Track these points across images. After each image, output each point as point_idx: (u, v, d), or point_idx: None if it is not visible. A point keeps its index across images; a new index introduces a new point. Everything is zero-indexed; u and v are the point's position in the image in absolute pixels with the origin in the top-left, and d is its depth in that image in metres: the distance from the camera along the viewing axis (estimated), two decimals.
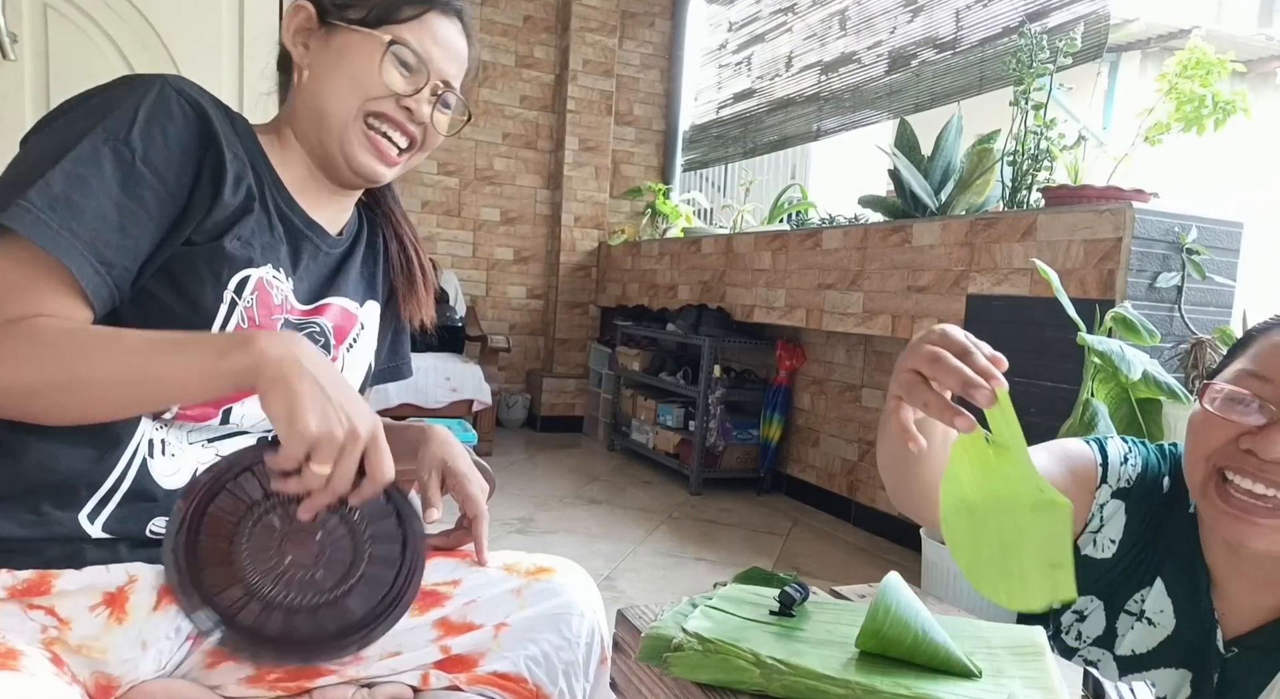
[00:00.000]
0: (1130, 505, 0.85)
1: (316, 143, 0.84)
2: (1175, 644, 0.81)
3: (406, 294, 0.98)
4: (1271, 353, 0.73)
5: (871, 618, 0.63)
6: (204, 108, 0.75)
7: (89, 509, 0.69)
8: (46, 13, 2.03)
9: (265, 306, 0.77)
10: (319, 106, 0.83)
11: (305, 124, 0.85)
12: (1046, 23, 2.69)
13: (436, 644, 0.82)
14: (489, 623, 0.83)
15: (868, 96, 3.58)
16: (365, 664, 0.80)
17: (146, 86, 0.72)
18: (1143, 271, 1.98)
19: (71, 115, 0.71)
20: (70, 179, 0.66)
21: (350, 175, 0.85)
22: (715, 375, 3.69)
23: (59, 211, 0.65)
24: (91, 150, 0.68)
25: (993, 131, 2.72)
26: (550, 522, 3.13)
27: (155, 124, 0.71)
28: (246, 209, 0.77)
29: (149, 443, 0.73)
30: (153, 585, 0.72)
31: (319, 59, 0.83)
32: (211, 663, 0.77)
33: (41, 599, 0.67)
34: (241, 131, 0.80)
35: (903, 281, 2.72)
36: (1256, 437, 0.70)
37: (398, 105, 0.84)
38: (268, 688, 0.78)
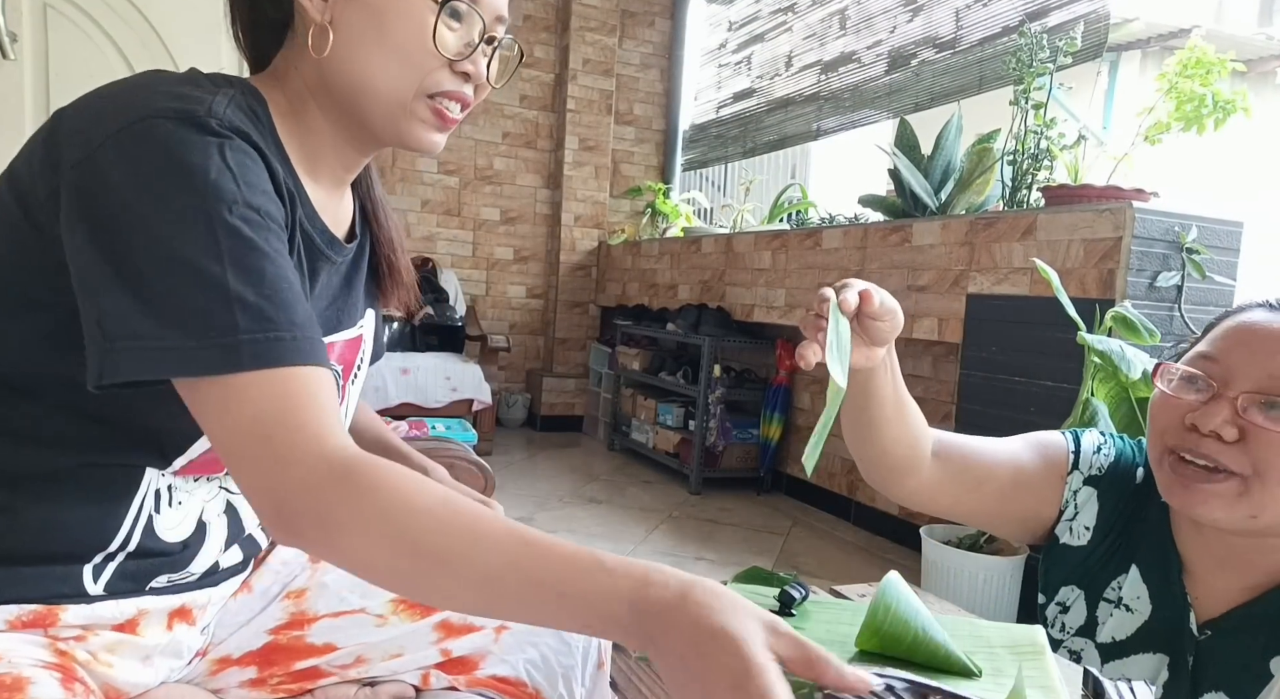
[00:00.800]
0: (1102, 493, 0.88)
1: (354, 120, 0.71)
2: (1152, 630, 0.83)
3: (389, 288, 0.86)
4: (1222, 335, 0.78)
5: (871, 617, 0.63)
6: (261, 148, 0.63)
7: (92, 567, 0.65)
8: (46, 12, 2.03)
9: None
10: (360, 84, 0.68)
11: (336, 99, 0.70)
12: (1046, 22, 2.69)
13: (437, 646, 0.82)
14: (489, 625, 0.83)
15: (867, 96, 3.58)
16: (368, 665, 0.80)
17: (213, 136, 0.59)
18: (1143, 271, 1.98)
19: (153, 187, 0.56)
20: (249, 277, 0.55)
21: (399, 145, 0.73)
22: (715, 375, 3.69)
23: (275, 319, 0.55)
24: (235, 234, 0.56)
25: (993, 131, 2.72)
26: (550, 521, 3.13)
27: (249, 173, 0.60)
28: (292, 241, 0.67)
29: (155, 494, 0.68)
30: (164, 611, 0.71)
31: (349, 19, 0.67)
32: (215, 670, 0.77)
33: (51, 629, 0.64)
34: (270, 138, 0.66)
35: (903, 281, 2.72)
36: (1198, 411, 0.74)
37: (453, 72, 0.70)
38: (270, 691, 0.78)
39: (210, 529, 0.73)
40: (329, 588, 0.82)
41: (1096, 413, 1.75)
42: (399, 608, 0.82)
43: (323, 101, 0.70)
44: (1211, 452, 0.73)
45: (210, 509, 0.73)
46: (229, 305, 0.54)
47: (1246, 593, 0.79)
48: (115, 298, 0.54)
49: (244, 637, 0.78)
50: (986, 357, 2.33)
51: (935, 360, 2.97)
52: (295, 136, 0.70)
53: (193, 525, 0.71)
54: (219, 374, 0.54)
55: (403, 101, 0.68)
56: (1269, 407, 0.71)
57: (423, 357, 4.04)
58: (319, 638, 0.79)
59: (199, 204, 0.56)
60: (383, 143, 0.73)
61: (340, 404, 0.77)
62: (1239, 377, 0.74)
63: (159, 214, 0.55)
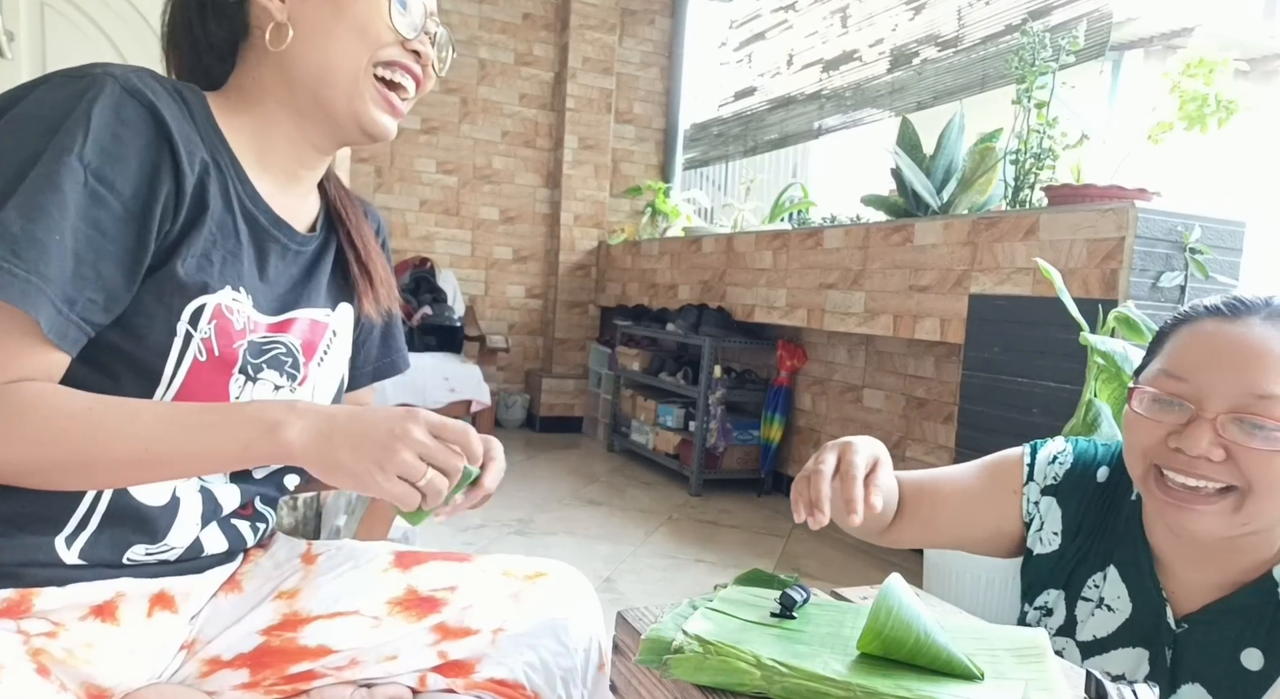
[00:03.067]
0: (1062, 499, 0.91)
1: (314, 108, 0.76)
2: (1133, 626, 0.85)
3: (365, 288, 0.89)
4: (1182, 352, 0.78)
5: (873, 619, 0.62)
6: (158, 108, 0.65)
7: (66, 533, 0.66)
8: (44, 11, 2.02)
9: (225, 335, 0.71)
10: (320, 66, 0.74)
11: (295, 90, 0.75)
12: (1049, 21, 2.68)
13: (434, 649, 0.81)
14: (486, 628, 0.82)
15: (869, 95, 3.57)
16: (363, 667, 0.79)
17: (95, 88, 0.63)
18: (1146, 271, 1.97)
19: (11, 126, 0.62)
20: (29, 213, 0.58)
21: (358, 135, 0.79)
22: (716, 375, 3.68)
23: (23, 256, 0.58)
24: (47, 174, 0.59)
25: (995, 130, 2.71)
26: (549, 523, 3.12)
27: (109, 134, 0.62)
28: (202, 214, 0.69)
29: None
30: (144, 595, 0.71)
31: (306, 14, 0.73)
32: (206, 671, 0.76)
33: (24, 618, 0.64)
34: (200, 118, 0.71)
35: (905, 281, 2.71)
36: (1180, 435, 0.75)
37: (404, 49, 0.77)
38: (264, 692, 0.77)
39: (184, 503, 0.73)
40: (322, 589, 0.81)
41: (1099, 414, 1.74)
42: (394, 610, 0.81)
43: (281, 97, 0.76)
44: (1203, 472, 0.74)
45: (183, 483, 0.73)
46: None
47: (1222, 588, 0.81)
48: None
49: (234, 636, 0.77)
50: (989, 357, 2.32)
51: (937, 361, 2.96)
52: (244, 130, 0.75)
53: (166, 495, 0.71)
54: None
55: (355, 76, 0.74)
56: (1248, 425, 0.72)
57: (421, 357, 4.03)
58: (312, 640, 0.78)
59: (33, 141, 0.60)
60: (340, 133, 0.78)
61: (302, 381, 0.80)
62: (1213, 397, 0.74)
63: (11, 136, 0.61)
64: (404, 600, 0.82)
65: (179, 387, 0.68)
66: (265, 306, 0.77)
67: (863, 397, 3.35)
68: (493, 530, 2.96)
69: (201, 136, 0.70)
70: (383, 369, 1.00)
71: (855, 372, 3.39)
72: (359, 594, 0.82)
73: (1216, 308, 0.79)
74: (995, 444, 1.07)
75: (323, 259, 0.85)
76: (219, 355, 0.70)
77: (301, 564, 0.85)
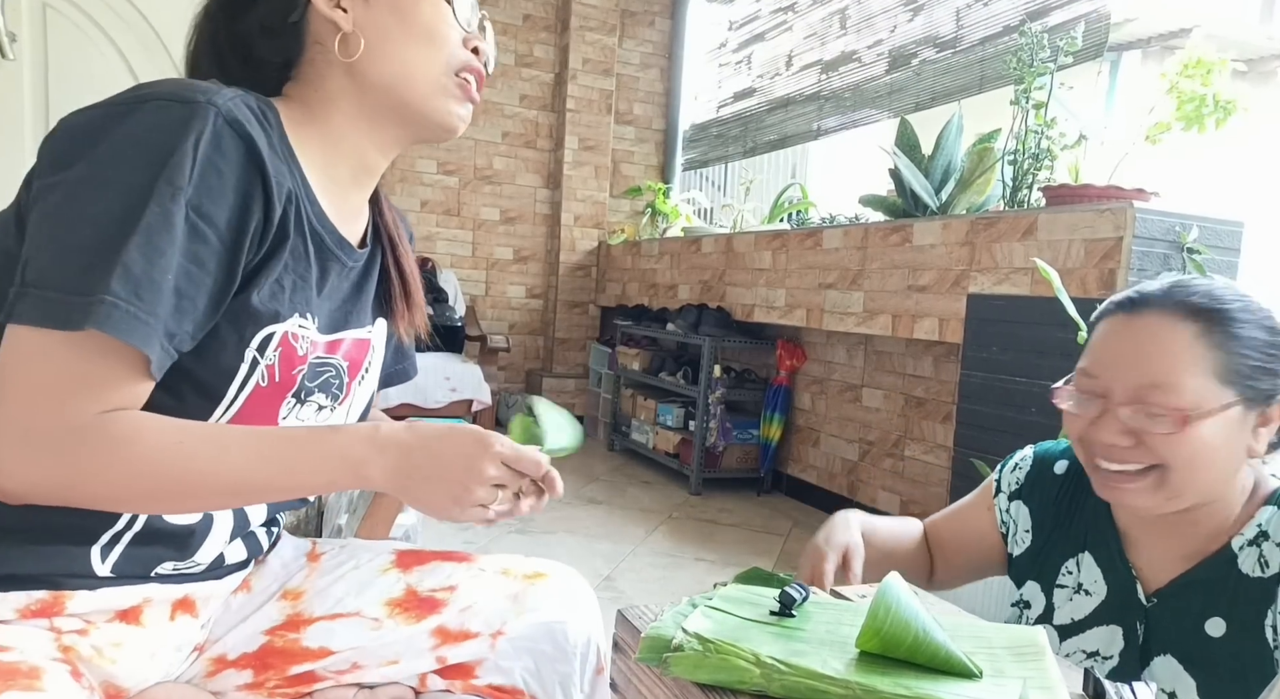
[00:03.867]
0: (1027, 498, 0.98)
1: (391, 111, 0.76)
2: (1108, 606, 0.90)
3: (402, 310, 0.89)
4: (1093, 348, 0.86)
5: (872, 618, 0.62)
6: (255, 142, 0.64)
7: (101, 545, 0.67)
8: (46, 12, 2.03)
9: (288, 362, 0.72)
10: (398, 72, 0.74)
11: (369, 97, 0.75)
12: (1047, 21, 2.69)
13: (433, 653, 0.81)
14: (486, 631, 0.83)
15: (868, 95, 3.58)
16: (363, 672, 0.80)
17: (200, 120, 0.61)
18: (1144, 271, 1.97)
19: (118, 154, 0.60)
20: (150, 255, 0.58)
21: (435, 132, 0.79)
22: (715, 375, 3.69)
23: (145, 298, 0.58)
24: (163, 214, 0.59)
25: (993, 131, 2.71)
26: (549, 521, 3.12)
27: (212, 170, 0.62)
28: (283, 243, 0.69)
29: None
30: (168, 600, 0.72)
31: (373, 22, 0.73)
32: (212, 671, 0.77)
33: (56, 616, 0.66)
34: (278, 140, 0.70)
35: (903, 281, 2.71)
36: (1095, 425, 0.83)
37: (465, 47, 0.78)
38: (267, 694, 0.77)
39: (216, 518, 0.73)
40: (325, 589, 0.82)
41: None
42: (394, 611, 0.82)
43: (352, 104, 0.75)
44: (1120, 456, 0.81)
45: None
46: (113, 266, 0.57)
47: (1186, 561, 0.86)
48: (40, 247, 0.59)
49: (240, 635, 0.78)
50: (987, 357, 2.33)
51: (936, 360, 2.97)
52: (313, 142, 0.74)
53: (199, 513, 0.72)
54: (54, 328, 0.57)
55: (438, 79, 0.76)
56: (1142, 412, 0.79)
57: (422, 357, 4.02)
58: (314, 641, 0.79)
59: (143, 173, 0.59)
60: (413, 134, 0.79)
61: (343, 400, 0.80)
62: (1115, 389, 0.82)
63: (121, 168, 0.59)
64: (403, 601, 0.83)
65: (237, 410, 0.69)
66: (326, 325, 0.78)
67: (861, 396, 3.35)
68: (493, 529, 2.97)
69: (284, 162, 0.70)
70: (393, 377, 1.00)
71: (854, 371, 3.40)
72: (359, 595, 0.82)
73: (1123, 301, 0.85)
74: (994, 443, 1.11)
75: (369, 274, 0.85)
76: (279, 381, 0.72)
77: (307, 562, 0.86)
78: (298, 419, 0.76)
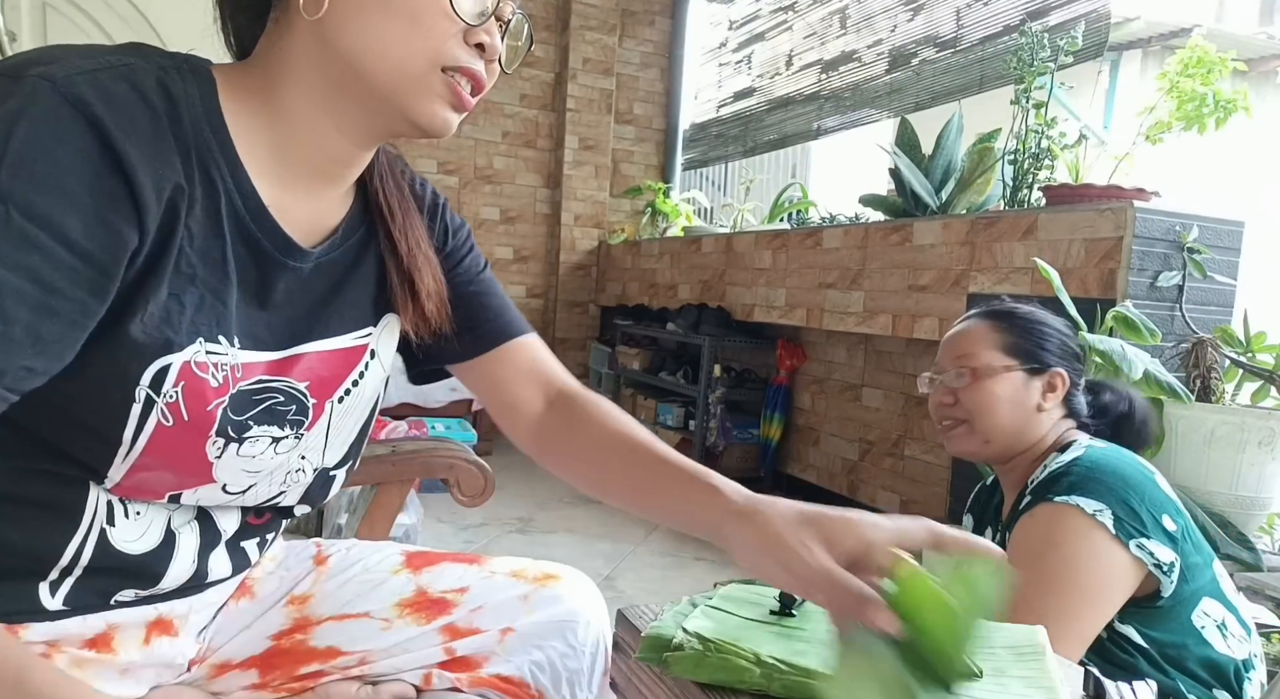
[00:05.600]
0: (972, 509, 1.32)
1: (351, 97, 0.62)
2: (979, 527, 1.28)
3: (404, 301, 0.75)
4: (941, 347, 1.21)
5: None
6: (105, 122, 0.52)
7: (49, 582, 0.60)
8: (45, 11, 2.03)
9: (196, 397, 0.59)
10: (362, 47, 0.60)
11: (331, 71, 0.61)
12: (1047, 21, 2.69)
13: (441, 647, 0.81)
14: (494, 628, 0.82)
15: (868, 95, 3.58)
16: (370, 665, 0.80)
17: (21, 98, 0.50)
18: (1144, 271, 1.97)
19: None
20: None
21: (408, 129, 0.65)
22: (715, 375, 3.69)
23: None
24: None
25: (993, 130, 2.71)
26: (550, 521, 3.12)
27: (44, 162, 0.50)
28: (164, 254, 0.56)
29: (107, 506, 0.62)
30: (139, 623, 0.67)
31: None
32: (215, 674, 0.76)
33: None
34: (193, 118, 0.58)
35: (903, 281, 2.71)
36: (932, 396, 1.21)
37: (466, 43, 0.62)
38: (272, 692, 0.77)
39: (180, 538, 0.67)
40: (335, 592, 0.81)
41: None
42: (405, 611, 0.81)
43: (310, 80, 0.62)
44: (945, 413, 1.18)
45: (178, 518, 0.67)
46: None
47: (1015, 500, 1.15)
48: None
49: (245, 641, 0.77)
50: None
51: None
52: (259, 124, 0.62)
53: (159, 536, 0.65)
54: None
55: (413, 71, 0.61)
56: (952, 374, 1.16)
57: None
58: (322, 641, 0.78)
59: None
60: (385, 126, 0.65)
61: (311, 426, 0.70)
62: (941, 366, 1.19)
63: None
64: (414, 602, 0.82)
65: (139, 455, 0.59)
66: (269, 342, 0.66)
67: (861, 395, 3.35)
68: (494, 529, 2.97)
69: (190, 146, 0.57)
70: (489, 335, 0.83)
71: (854, 371, 3.40)
72: (369, 597, 0.81)
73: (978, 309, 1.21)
74: None
75: (359, 269, 0.72)
76: (189, 420, 0.60)
77: (314, 566, 0.85)
78: (241, 457, 0.64)
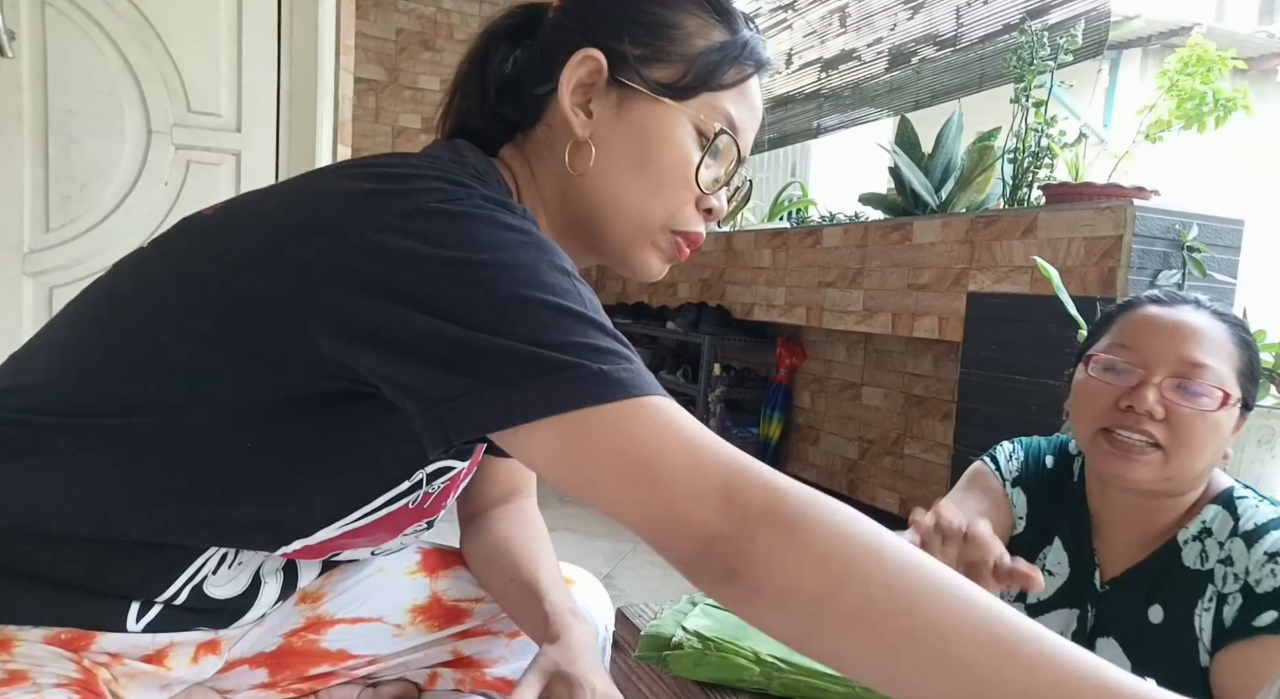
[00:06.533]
0: (1024, 486, 1.04)
1: (583, 237, 0.67)
2: (1068, 589, 0.98)
3: None
4: (1130, 328, 0.92)
5: None
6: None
7: (135, 612, 0.63)
8: (45, 10, 2.02)
9: (446, 493, 0.66)
10: (610, 205, 0.65)
11: (574, 214, 0.66)
12: (1047, 20, 2.69)
13: (448, 647, 0.81)
14: (503, 631, 0.82)
15: (868, 94, 3.58)
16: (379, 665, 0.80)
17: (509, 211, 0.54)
18: (1144, 269, 1.97)
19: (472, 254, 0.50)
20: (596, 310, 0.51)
21: (620, 270, 0.70)
22: (715, 373, 3.69)
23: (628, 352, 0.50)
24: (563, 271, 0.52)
25: (993, 129, 2.71)
26: (550, 520, 3.10)
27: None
28: None
29: (220, 558, 0.64)
30: (193, 643, 0.69)
31: (612, 139, 0.63)
32: (225, 669, 0.76)
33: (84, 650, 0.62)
34: None
35: (903, 279, 2.71)
36: (1132, 394, 0.87)
37: (698, 208, 0.67)
38: (280, 691, 0.77)
39: (265, 586, 0.70)
40: (346, 592, 0.81)
41: None
42: (418, 619, 0.80)
43: (553, 213, 0.67)
44: (1145, 427, 0.87)
45: (268, 566, 0.69)
46: (616, 338, 0.50)
47: (1141, 550, 0.93)
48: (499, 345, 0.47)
49: (256, 638, 0.77)
50: (987, 355, 2.33)
51: (936, 359, 2.97)
52: None
53: (246, 582, 0.68)
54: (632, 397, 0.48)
55: (647, 229, 0.65)
56: (1183, 388, 0.86)
57: None
58: (333, 644, 0.78)
59: (547, 259, 0.51)
60: (602, 260, 0.70)
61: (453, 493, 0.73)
62: (1157, 363, 0.87)
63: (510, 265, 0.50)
64: (427, 608, 0.81)
65: (367, 523, 0.64)
66: None
67: (861, 394, 3.35)
68: None
69: None
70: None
71: (854, 369, 3.40)
72: (382, 599, 0.80)
73: (1156, 296, 0.94)
74: (993, 441, 1.11)
75: None
76: (426, 509, 0.66)
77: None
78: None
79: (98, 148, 2.12)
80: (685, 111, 0.63)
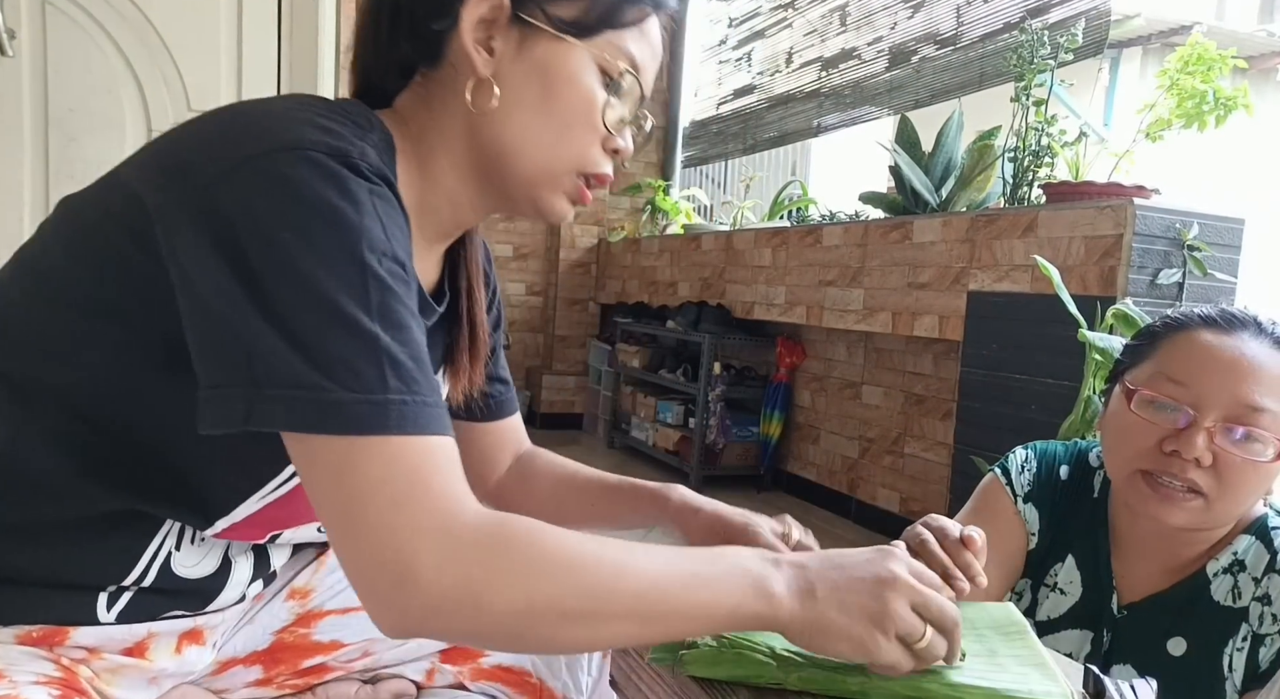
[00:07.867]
0: (1037, 501, 0.98)
1: (489, 180, 0.66)
2: (1080, 609, 0.93)
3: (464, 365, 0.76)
4: (1180, 358, 0.82)
5: None
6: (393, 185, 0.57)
7: (107, 595, 0.62)
8: (45, 9, 2.02)
9: None
10: (514, 146, 0.64)
11: (478, 156, 0.65)
12: (1047, 18, 2.69)
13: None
14: None
15: (868, 92, 3.58)
16: (374, 657, 0.80)
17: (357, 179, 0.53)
18: (1144, 268, 1.98)
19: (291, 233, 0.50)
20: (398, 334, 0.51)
21: (531, 214, 0.70)
22: (715, 372, 3.69)
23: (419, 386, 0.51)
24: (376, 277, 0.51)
25: (994, 128, 2.71)
26: None
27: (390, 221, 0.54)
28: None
29: (179, 532, 0.64)
30: (174, 633, 0.69)
31: (514, 79, 0.62)
32: (219, 670, 0.76)
33: (59, 647, 0.62)
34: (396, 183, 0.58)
35: (903, 278, 2.71)
36: (1179, 437, 0.79)
37: (604, 149, 0.67)
38: (275, 689, 0.77)
39: (236, 565, 0.69)
40: (335, 585, 0.81)
41: (1097, 410, 1.75)
42: None
43: (460, 156, 0.66)
44: (1190, 475, 0.79)
45: (236, 546, 0.69)
46: (379, 361, 0.49)
47: (1165, 579, 0.88)
48: (267, 340, 0.48)
49: (248, 636, 0.77)
50: (987, 354, 2.33)
51: (936, 358, 2.97)
52: (413, 187, 0.65)
53: (216, 562, 0.67)
54: (362, 434, 0.48)
55: (555, 172, 0.65)
56: (1236, 435, 0.78)
57: None
58: (325, 635, 0.78)
59: (349, 247, 0.50)
60: (510, 207, 0.69)
61: None
62: (1211, 404, 0.79)
63: (307, 251, 0.49)
64: None
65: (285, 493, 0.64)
66: None
67: (861, 393, 3.36)
68: None
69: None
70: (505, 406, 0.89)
71: (854, 368, 3.40)
72: None
73: (1210, 319, 0.84)
74: (993, 441, 1.10)
75: (437, 331, 0.74)
76: None
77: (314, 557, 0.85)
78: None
79: (98, 146, 2.12)
80: (589, 50, 0.63)
